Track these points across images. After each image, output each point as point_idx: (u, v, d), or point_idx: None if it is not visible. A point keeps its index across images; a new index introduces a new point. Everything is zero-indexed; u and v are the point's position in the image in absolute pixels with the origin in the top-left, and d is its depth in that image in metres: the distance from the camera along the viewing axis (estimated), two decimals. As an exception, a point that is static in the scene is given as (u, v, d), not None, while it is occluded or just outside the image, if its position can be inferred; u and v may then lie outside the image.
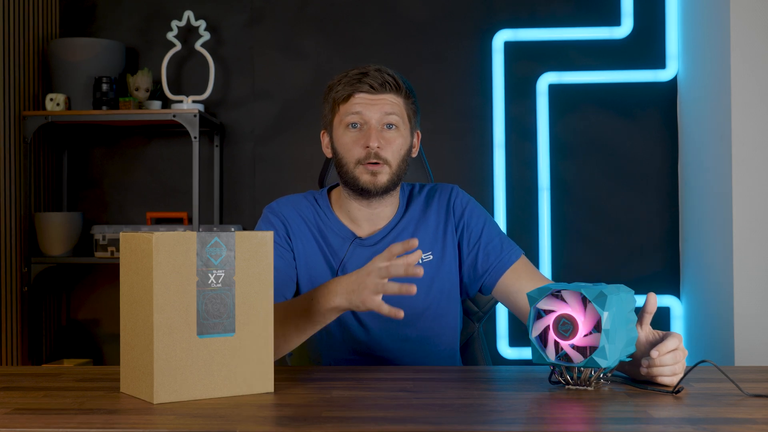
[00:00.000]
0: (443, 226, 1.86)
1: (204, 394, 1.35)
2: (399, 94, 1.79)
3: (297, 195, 1.90)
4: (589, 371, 1.42)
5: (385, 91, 1.77)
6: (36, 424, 1.19)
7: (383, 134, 1.77)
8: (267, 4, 3.60)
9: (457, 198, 1.89)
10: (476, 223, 1.86)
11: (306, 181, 3.48)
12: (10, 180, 3.27)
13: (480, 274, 1.83)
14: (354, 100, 1.77)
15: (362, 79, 1.77)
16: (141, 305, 1.34)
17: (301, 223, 1.84)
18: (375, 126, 1.76)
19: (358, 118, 1.77)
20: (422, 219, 1.86)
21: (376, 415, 1.25)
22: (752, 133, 2.83)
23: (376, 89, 1.76)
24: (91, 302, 3.65)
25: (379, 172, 1.76)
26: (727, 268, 2.88)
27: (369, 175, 1.76)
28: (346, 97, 1.78)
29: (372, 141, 1.74)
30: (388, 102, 1.77)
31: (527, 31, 3.48)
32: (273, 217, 1.84)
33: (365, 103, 1.76)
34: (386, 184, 1.77)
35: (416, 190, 1.91)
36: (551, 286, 1.44)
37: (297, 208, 1.85)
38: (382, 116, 1.76)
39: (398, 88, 1.78)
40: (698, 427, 1.17)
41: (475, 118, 3.51)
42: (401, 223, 1.85)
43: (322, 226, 1.84)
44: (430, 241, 1.84)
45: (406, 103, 1.80)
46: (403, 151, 1.80)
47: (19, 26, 3.35)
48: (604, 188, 3.49)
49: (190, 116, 3.27)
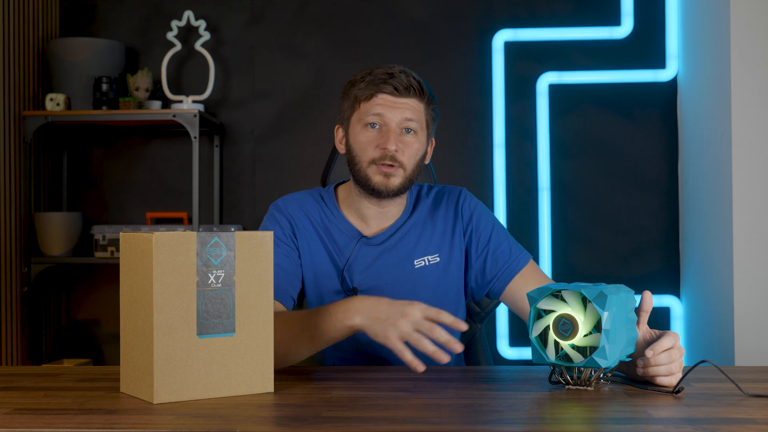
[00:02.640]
0: (451, 229, 1.86)
1: (204, 394, 1.35)
2: (421, 100, 1.78)
3: (303, 192, 1.89)
4: (589, 371, 1.42)
5: (409, 95, 1.76)
6: (36, 424, 1.19)
7: (401, 138, 1.76)
8: (267, 4, 3.60)
9: (466, 201, 1.88)
10: (485, 227, 1.86)
11: (306, 181, 3.48)
12: (10, 180, 3.27)
13: (488, 280, 1.83)
14: (376, 100, 1.76)
15: (387, 81, 1.75)
16: (141, 305, 1.34)
17: (306, 221, 1.84)
18: (394, 129, 1.75)
19: (378, 119, 1.76)
20: (429, 220, 1.86)
21: (376, 415, 1.25)
22: (752, 133, 2.83)
23: (400, 92, 1.75)
24: (91, 302, 3.65)
25: (393, 175, 1.75)
26: (727, 268, 2.88)
27: (382, 177, 1.75)
28: (368, 96, 1.76)
29: (390, 144, 1.73)
30: (410, 107, 1.76)
31: (527, 31, 3.48)
32: (279, 215, 1.84)
33: (387, 105, 1.75)
34: (398, 188, 1.77)
35: (424, 191, 1.91)
36: (551, 286, 1.44)
37: (303, 206, 1.85)
38: (402, 120, 1.75)
39: (422, 93, 1.77)
40: (698, 427, 1.17)
41: (475, 118, 3.51)
42: (408, 222, 1.85)
43: (328, 224, 1.84)
44: (437, 244, 1.84)
45: (426, 110, 1.79)
46: (419, 157, 1.79)
47: (19, 26, 3.35)
48: (604, 188, 3.49)
49: (190, 116, 3.27)
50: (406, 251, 1.83)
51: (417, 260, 1.82)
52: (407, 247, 1.83)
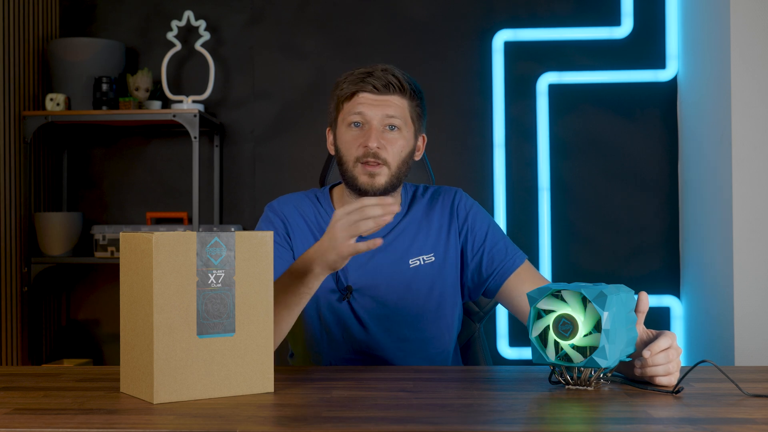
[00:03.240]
0: (446, 229, 1.86)
1: (204, 394, 1.35)
2: (403, 96, 1.78)
3: (299, 193, 1.90)
4: (589, 371, 1.42)
5: (389, 92, 1.77)
6: (36, 424, 1.19)
7: (384, 135, 1.76)
8: (267, 4, 3.60)
9: (461, 201, 1.89)
10: (480, 227, 1.86)
11: (306, 181, 3.48)
12: (10, 180, 3.27)
13: (484, 278, 1.84)
14: (357, 100, 1.77)
15: (366, 79, 1.76)
16: (141, 305, 1.34)
17: (301, 221, 1.84)
18: (376, 126, 1.76)
19: (359, 118, 1.77)
20: (425, 220, 1.86)
21: (376, 415, 1.25)
22: (752, 133, 2.83)
23: (380, 90, 1.76)
24: (91, 302, 3.65)
25: (377, 174, 1.75)
26: (727, 268, 2.88)
27: (367, 177, 1.76)
28: (349, 95, 1.78)
29: (371, 141, 1.74)
30: (392, 104, 1.77)
31: (527, 31, 3.48)
32: (273, 216, 1.84)
33: (368, 104, 1.76)
34: (384, 186, 1.77)
35: (419, 191, 1.91)
36: (551, 286, 1.44)
37: (298, 207, 1.86)
38: (383, 117, 1.76)
39: (402, 89, 1.78)
40: (698, 427, 1.17)
41: (475, 118, 3.51)
42: (403, 222, 1.85)
43: (323, 224, 1.84)
44: (433, 243, 1.85)
45: (410, 105, 1.80)
46: (405, 153, 1.79)
47: (19, 26, 3.35)
48: (604, 188, 3.49)
49: (190, 116, 3.27)
50: (401, 251, 1.83)
51: (412, 260, 1.83)
52: (402, 247, 1.83)
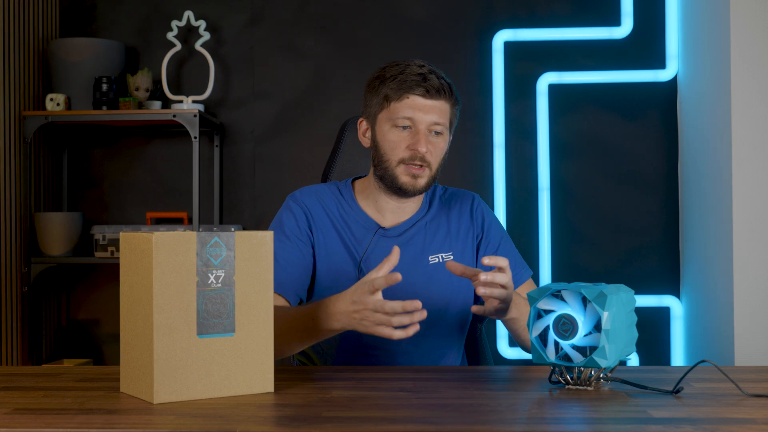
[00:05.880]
0: (465, 232, 1.89)
1: (204, 394, 1.35)
2: (449, 101, 1.81)
3: (320, 185, 1.92)
4: (589, 371, 1.42)
5: (440, 97, 1.78)
6: (36, 424, 1.19)
7: (430, 139, 1.78)
8: (267, 4, 3.60)
9: (479, 207, 1.93)
10: (494, 236, 1.91)
11: (306, 181, 3.48)
12: (10, 180, 3.27)
13: None
14: (408, 102, 1.77)
15: (420, 83, 1.77)
16: (141, 305, 1.34)
17: (322, 213, 1.85)
18: (423, 131, 1.77)
19: (409, 122, 1.78)
20: (444, 220, 1.90)
21: (376, 415, 1.25)
22: (752, 133, 2.83)
23: (431, 94, 1.77)
24: (91, 302, 3.64)
25: (421, 176, 1.78)
26: (727, 268, 2.88)
27: (410, 177, 1.78)
28: (399, 96, 1.78)
29: (421, 146, 1.76)
30: (440, 109, 1.78)
31: (527, 31, 3.48)
32: (295, 207, 1.85)
33: (418, 108, 1.77)
34: (424, 187, 1.80)
35: (439, 191, 1.94)
36: (551, 286, 1.44)
37: (319, 198, 1.87)
38: (431, 123, 1.78)
39: (451, 94, 1.80)
40: (698, 427, 1.17)
41: (475, 118, 3.51)
42: (424, 218, 1.88)
43: (345, 216, 1.86)
44: (451, 242, 1.88)
45: (452, 110, 1.82)
46: (444, 156, 1.83)
47: (19, 26, 3.35)
48: (604, 188, 3.49)
49: (190, 116, 3.27)
50: (421, 246, 1.85)
51: (432, 256, 1.85)
52: (422, 243, 1.86)
